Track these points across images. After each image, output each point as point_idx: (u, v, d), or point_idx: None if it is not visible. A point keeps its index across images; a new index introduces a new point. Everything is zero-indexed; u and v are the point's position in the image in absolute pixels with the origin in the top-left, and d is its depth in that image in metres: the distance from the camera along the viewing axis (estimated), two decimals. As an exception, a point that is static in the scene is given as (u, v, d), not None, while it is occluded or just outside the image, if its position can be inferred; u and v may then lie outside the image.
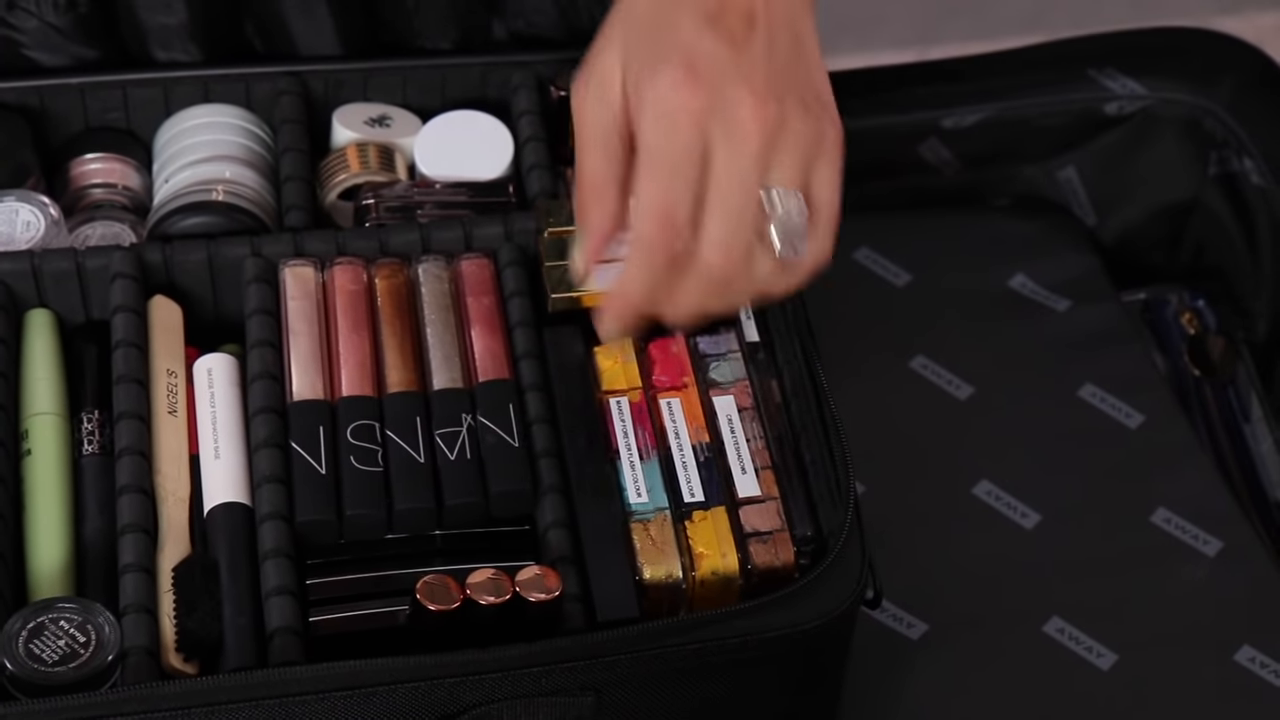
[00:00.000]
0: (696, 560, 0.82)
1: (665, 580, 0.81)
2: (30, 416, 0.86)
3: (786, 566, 0.82)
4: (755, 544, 0.82)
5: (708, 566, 0.82)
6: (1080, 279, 1.06)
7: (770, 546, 0.82)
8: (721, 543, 0.82)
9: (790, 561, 0.82)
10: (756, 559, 0.82)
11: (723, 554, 0.82)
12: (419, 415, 0.86)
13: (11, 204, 0.92)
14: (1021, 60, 1.10)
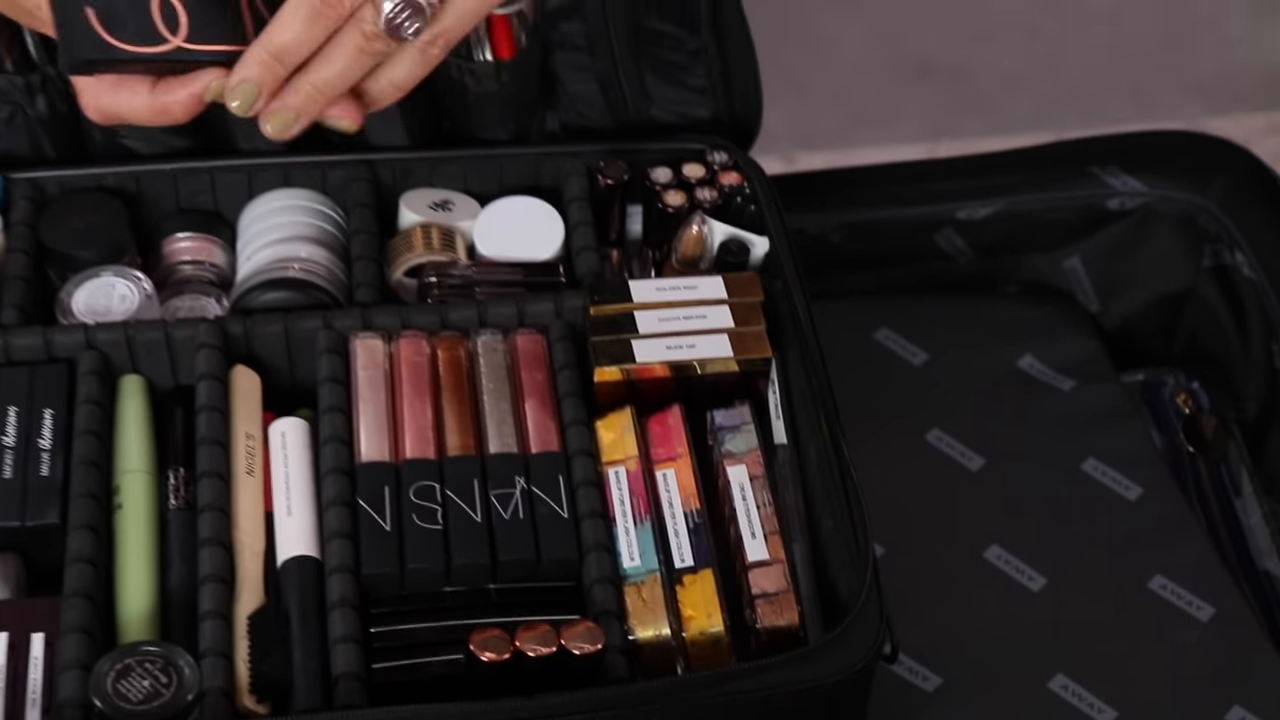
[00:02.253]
0: (685, 622, 0.82)
1: (655, 640, 0.81)
2: (122, 473, 0.86)
3: (791, 626, 0.82)
4: (763, 604, 0.82)
5: (696, 628, 0.82)
6: (1084, 361, 1.06)
7: (776, 606, 0.82)
8: (708, 605, 0.82)
9: (795, 622, 0.82)
10: (764, 619, 0.82)
11: (708, 615, 0.82)
12: (476, 477, 0.86)
13: (109, 278, 0.92)
14: (1031, 158, 1.10)
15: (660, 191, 0.97)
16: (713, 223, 0.94)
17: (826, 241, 1.08)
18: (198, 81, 0.75)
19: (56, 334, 0.89)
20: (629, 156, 0.98)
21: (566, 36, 0.98)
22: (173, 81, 0.74)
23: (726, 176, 0.97)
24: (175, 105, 0.75)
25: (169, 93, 0.74)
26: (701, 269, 0.95)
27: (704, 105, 1.01)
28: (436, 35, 0.75)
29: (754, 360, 0.89)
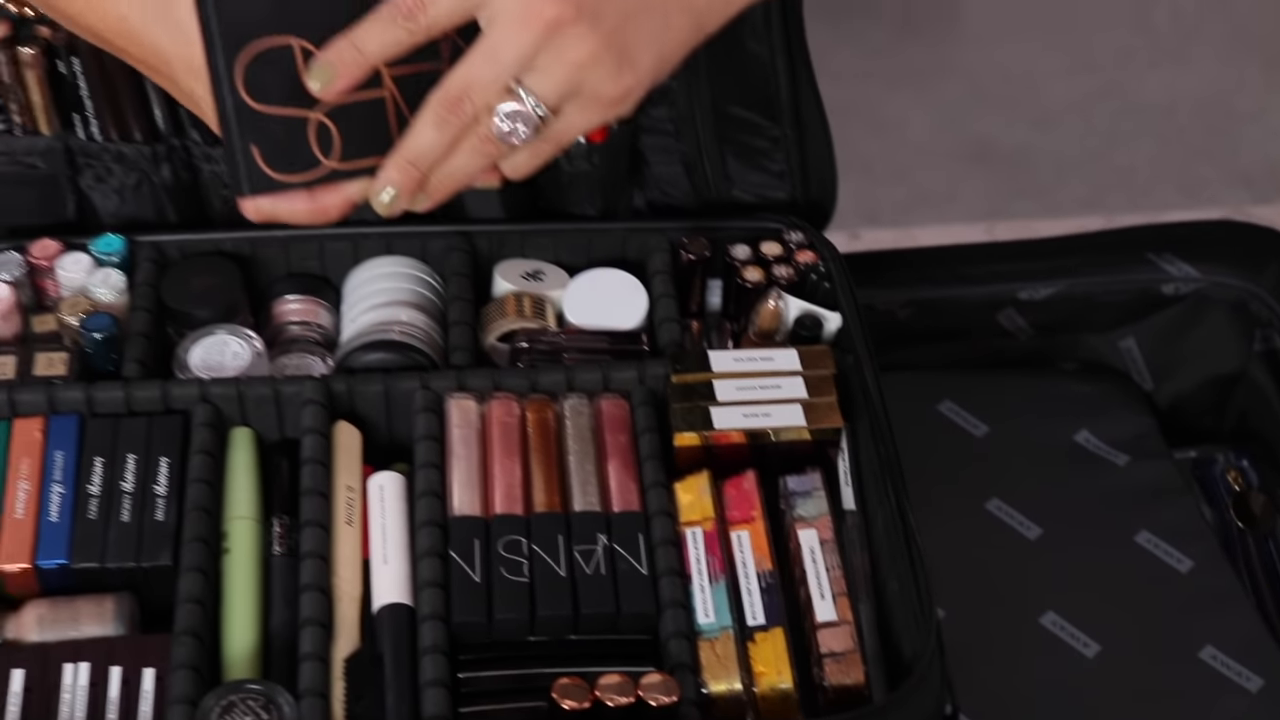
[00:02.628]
0: (756, 678, 0.81)
1: (727, 694, 0.80)
2: (231, 519, 0.86)
3: (857, 685, 0.81)
4: (830, 664, 0.81)
5: (767, 683, 0.81)
6: (1138, 437, 1.05)
7: (843, 666, 0.81)
8: (779, 662, 0.81)
9: (861, 680, 0.81)
10: (831, 677, 0.81)
11: (778, 671, 0.81)
12: (561, 533, 0.85)
13: (223, 336, 0.93)
14: (1090, 243, 1.09)
15: (739, 267, 0.96)
16: (788, 298, 0.94)
17: (894, 317, 1.07)
18: (349, 189, 0.77)
19: (174, 387, 0.90)
20: (710, 234, 0.98)
21: (655, 121, 0.98)
22: (327, 189, 0.77)
23: (802, 255, 0.97)
24: (330, 209, 0.77)
25: (324, 199, 0.77)
26: (777, 342, 0.94)
27: (782, 188, 1.01)
28: (547, 138, 0.76)
29: (825, 430, 0.88)
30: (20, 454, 0.87)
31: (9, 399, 0.89)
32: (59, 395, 0.89)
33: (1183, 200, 2.26)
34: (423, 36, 0.73)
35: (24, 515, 0.85)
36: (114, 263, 0.95)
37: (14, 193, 0.96)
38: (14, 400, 0.89)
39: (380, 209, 0.77)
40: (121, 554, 0.84)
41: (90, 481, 0.86)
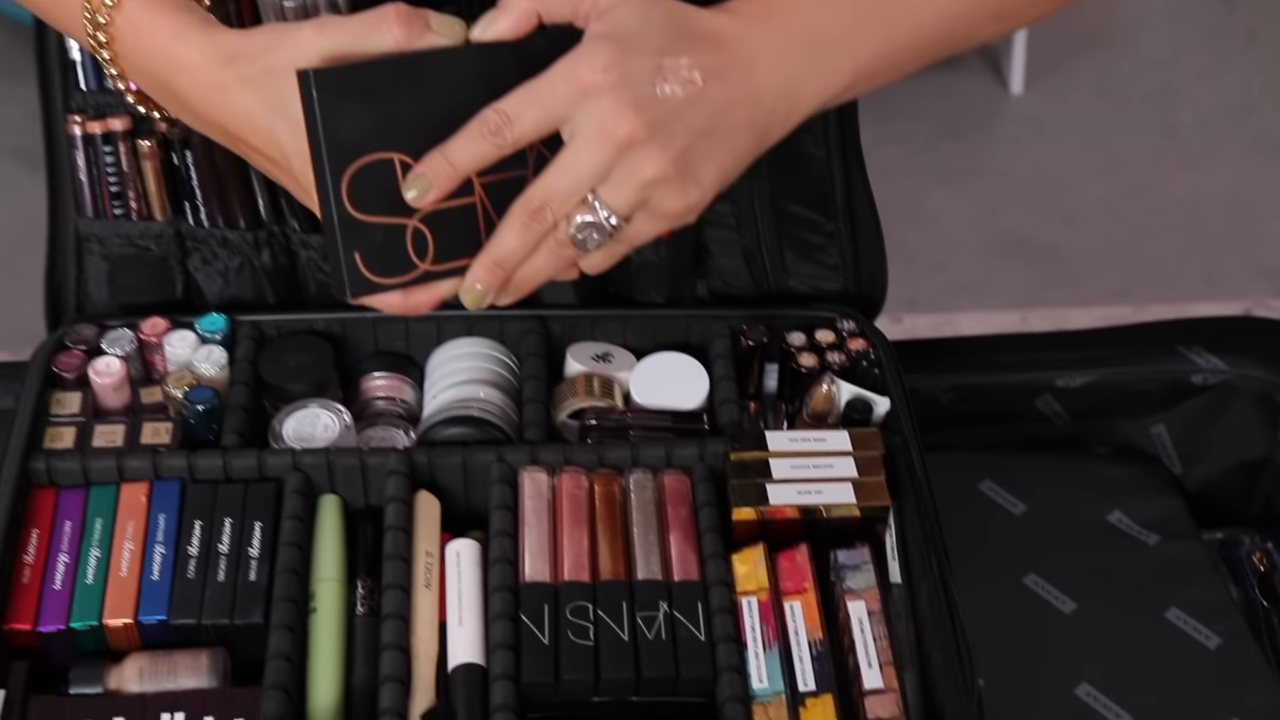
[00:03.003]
0: None
1: (779, 757, 0.80)
2: (318, 580, 0.87)
3: (903, 749, 0.80)
4: (876, 729, 0.80)
5: (817, 747, 0.80)
6: (1167, 518, 1.04)
7: (889, 732, 0.80)
8: None
9: (906, 744, 0.80)
10: (877, 742, 0.80)
11: None
12: (625, 600, 0.85)
13: (315, 409, 0.93)
14: (1123, 336, 1.08)
15: (795, 353, 0.96)
16: (841, 383, 0.94)
17: (938, 401, 1.07)
18: (441, 287, 0.78)
19: (268, 456, 0.90)
20: (768, 321, 0.98)
21: (717, 216, 0.98)
22: (420, 288, 0.77)
23: (854, 343, 0.97)
24: (422, 305, 0.78)
25: (416, 296, 0.78)
26: (829, 424, 0.94)
27: (836, 280, 1.01)
28: (619, 241, 0.77)
29: (874, 507, 0.88)
30: (127, 516, 0.88)
31: (118, 465, 0.89)
32: (163, 462, 0.89)
33: (1207, 291, 2.25)
34: (509, 149, 0.74)
35: (128, 574, 0.86)
36: (217, 340, 0.96)
37: (129, 273, 0.98)
38: (122, 466, 0.89)
39: (469, 304, 0.78)
40: (217, 611, 0.85)
41: (190, 543, 0.87)
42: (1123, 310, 2.19)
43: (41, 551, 0.87)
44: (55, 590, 0.85)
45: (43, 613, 0.84)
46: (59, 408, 0.92)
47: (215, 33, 0.78)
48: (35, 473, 0.89)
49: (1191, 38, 2.63)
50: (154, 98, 0.81)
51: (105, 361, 0.94)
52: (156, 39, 0.79)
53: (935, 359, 1.07)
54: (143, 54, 0.79)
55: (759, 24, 0.76)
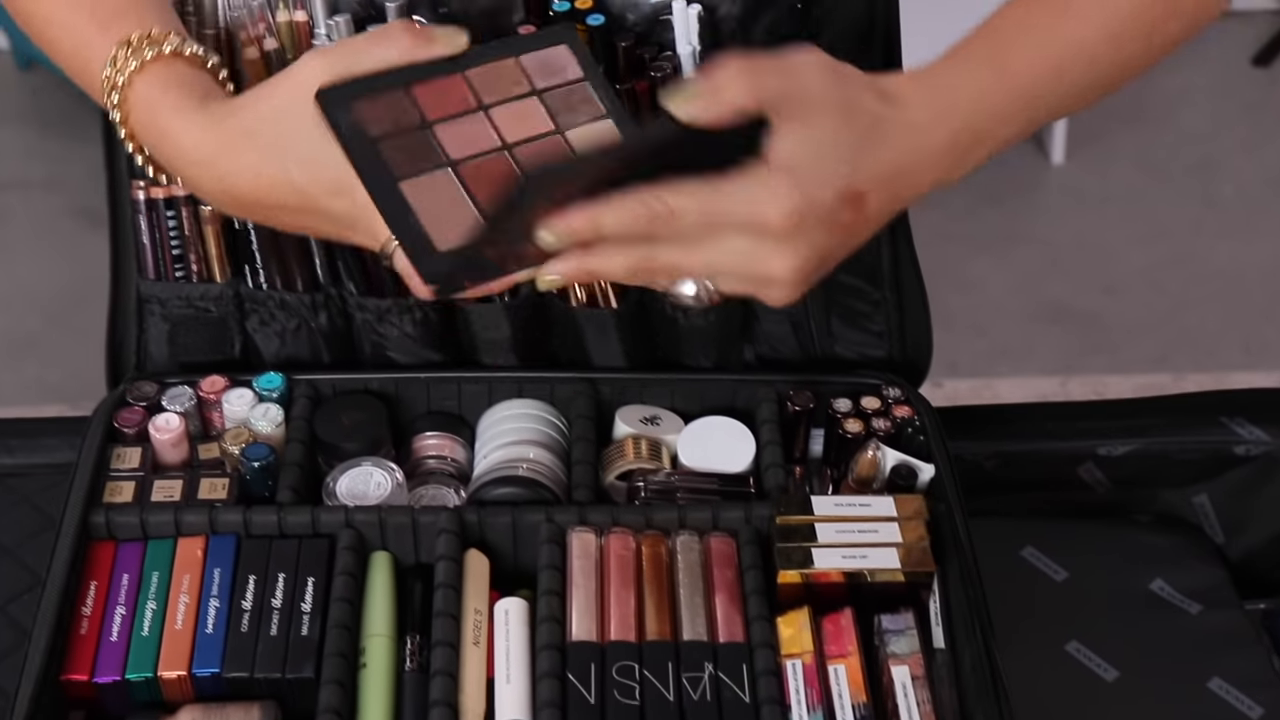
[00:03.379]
0: None
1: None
2: (368, 636, 0.87)
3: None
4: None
5: (861, 809, 0.80)
6: (1209, 588, 1.03)
7: (932, 794, 0.80)
8: None
9: (948, 806, 0.80)
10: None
11: None
12: (670, 661, 0.85)
13: (368, 467, 0.94)
14: (1167, 406, 1.08)
15: (841, 419, 0.96)
16: (886, 449, 0.94)
17: (981, 467, 1.07)
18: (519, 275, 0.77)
19: (322, 513, 0.91)
20: (814, 387, 0.98)
21: (766, 283, 0.99)
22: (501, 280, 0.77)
23: (899, 409, 0.97)
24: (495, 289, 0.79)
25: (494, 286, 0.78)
26: (874, 489, 0.94)
27: (881, 347, 1.01)
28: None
29: (918, 572, 0.88)
30: (183, 570, 0.89)
31: (175, 519, 0.90)
32: (219, 517, 0.90)
33: (1246, 361, 2.24)
34: (659, 236, 0.73)
35: (183, 627, 0.87)
36: (273, 398, 0.96)
37: (188, 333, 0.99)
38: (179, 521, 0.90)
39: (540, 285, 0.76)
40: (269, 665, 0.85)
41: (244, 597, 0.88)
42: (1162, 378, 2.18)
43: (99, 603, 0.87)
44: (112, 642, 0.86)
45: (99, 664, 0.85)
46: (119, 462, 0.93)
47: (210, 104, 0.79)
48: (95, 526, 0.90)
49: (1232, 111, 2.63)
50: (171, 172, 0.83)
51: (165, 418, 0.95)
52: (159, 119, 0.80)
53: (979, 426, 1.07)
54: (152, 135, 0.81)
55: (933, 128, 0.76)
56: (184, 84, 0.80)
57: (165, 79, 0.80)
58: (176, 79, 0.80)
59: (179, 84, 0.80)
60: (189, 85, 0.80)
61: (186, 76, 0.81)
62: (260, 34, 0.91)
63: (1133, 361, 2.24)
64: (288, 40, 0.92)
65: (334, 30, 0.90)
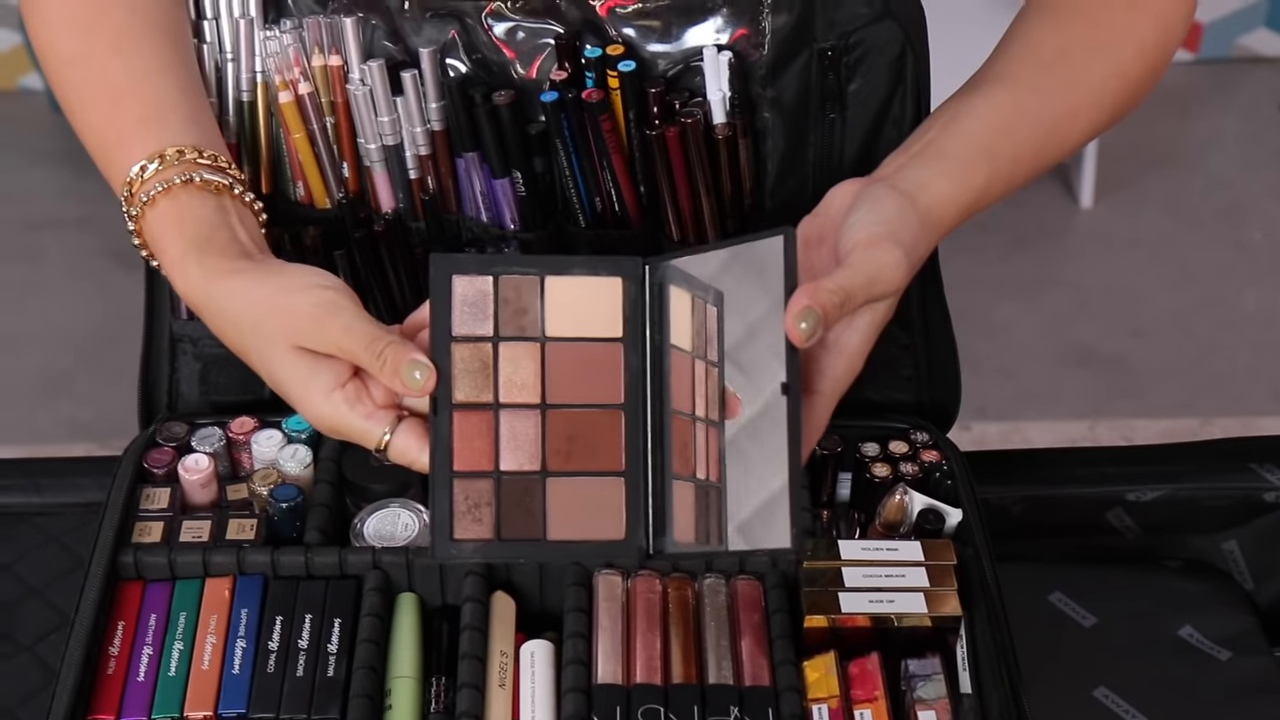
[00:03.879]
0: None
1: None
2: (394, 678, 0.87)
3: None
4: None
5: None
6: (1239, 635, 1.02)
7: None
8: None
9: None
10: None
11: None
12: (696, 704, 0.85)
13: (395, 509, 0.94)
14: (1196, 452, 1.07)
15: (868, 463, 0.96)
16: (913, 493, 0.93)
17: (1009, 512, 1.06)
18: None
19: (349, 554, 0.91)
20: (842, 431, 0.98)
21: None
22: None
23: (927, 454, 0.96)
24: None
25: None
26: (901, 533, 0.93)
27: (910, 391, 1.01)
28: None
29: (945, 617, 0.87)
30: (210, 610, 0.89)
31: (203, 560, 0.90)
32: (247, 558, 0.90)
33: (1275, 407, 2.22)
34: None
35: (210, 667, 0.87)
36: (302, 439, 0.97)
37: (219, 373, 0.99)
38: (208, 561, 0.90)
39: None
40: (295, 707, 0.85)
41: (270, 638, 0.88)
42: (1190, 423, 2.17)
43: (126, 643, 0.87)
44: (139, 682, 0.86)
45: (126, 704, 0.85)
46: (148, 503, 0.93)
47: (208, 265, 0.82)
48: (124, 566, 0.90)
49: (1261, 156, 2.62)
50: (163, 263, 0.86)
51: (194, 459, 0.95)
52: (168, 253, 0.84)
53: (1007, 471, 1.06)
54: (159, 257, 0.85)
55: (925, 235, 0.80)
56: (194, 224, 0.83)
57: (179, 213, 0.83)
58: (188, 216, 0.83)
59: (190, 221, 0.83)
60: (197, 226, 0.83)
61: (198, 213, 0.83)
62: (295, 78, 0.92)
63: (1161, 406, 2.23)
64: (322, 85, 0.92)
65: (367, 75, 0.91)
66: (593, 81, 0.90)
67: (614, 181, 0.92)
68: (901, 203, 0.79)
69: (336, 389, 0.78)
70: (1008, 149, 0.83)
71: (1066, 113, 0.85)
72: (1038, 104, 0.85)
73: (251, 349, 0.81)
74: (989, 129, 0.83)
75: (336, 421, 0.79)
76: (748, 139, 0.91)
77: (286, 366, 0.79)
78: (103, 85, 0.86)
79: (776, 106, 0.90)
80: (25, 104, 2.72)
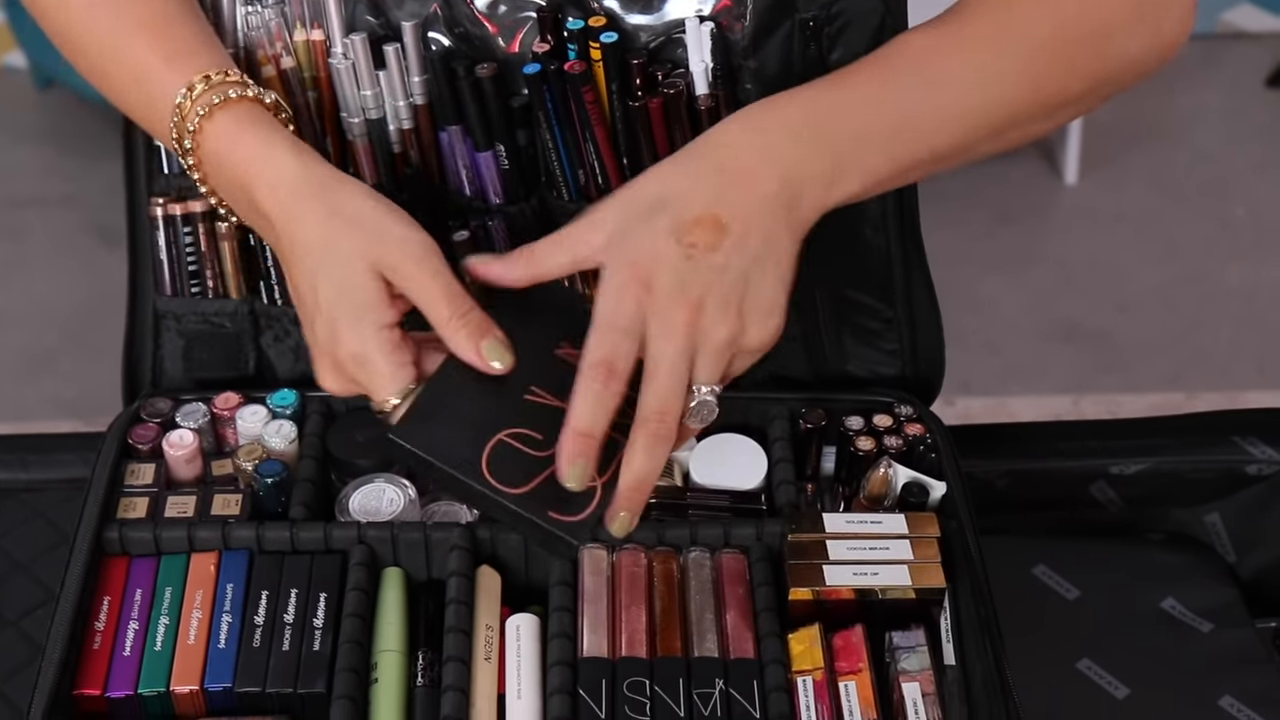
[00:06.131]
0: None
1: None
2: (379, 651, 0.87)
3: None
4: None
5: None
6: (1221, 606, 1.03)
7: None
8: None
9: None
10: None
11: None
12: (681, 676, 0.85)
13: (380, 484, 0.94)
14: (1180, 425, 1.08)
15: (853, 437, 0.96)
16: (898, 466, 0.94)
17: (993, 486, 1.07)
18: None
19: (334, 529, 0.91)
20: (826, 405, 0.98)
21: (778, 301, 0.99)
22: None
23: (911, 427, 0.97)
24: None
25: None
26: (885, 506, 0.94)
27: (893, 365, 1.01)
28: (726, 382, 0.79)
29: (929, 590, 0.88)
30: (196, 585, 0.89)
31: (188, 535, 0.90)
32: (232, 533, 0.90)
33: (1259, 381, 2.23)
34: (623, 388, 0.76)
35: (196, 642, 0.87)
36: (287, 415, 0.97)
37: (203, 349, 0.99)
38: (193, 536, 0.90)
39: (619, 533, 0.79)
40: (281, 680, 0.85)
41: (256, 613, 0.88)
42: (1175, 397, 2.17)
43: (112, 618, 0.88)
44: (125, 656, 0.86)
45: (112, 678, 0.85)
46: (133, 478, 0.93)
47: (308, 159, 0.80)
48: (109, 541, 0.90)
49: (1245, 132, 2.63)
50: (227, 198, 0.84)
51: (179, 434, 0.95)
52: (240, 147, 0.81)
53: (991, 444, 1.07)
54: (227, 163, 0.82)
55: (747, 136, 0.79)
56: (266, 122, 0.82)
57: (248, 115, 0.82)
58: (257, 117, 0.82)
59: (262, 121, 0.82)
60: (271, 124, 0.82)
61: (265, 118, 0.83)
62: (277, 53, 0.92)
63: (1145, 380, 2.23)
64: (304, 59, 0.92)
65: (349, 49, 0.91)
66: (575, 54, 0.90)
67: (597, 153, 0.92)
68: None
69: (385, 327, 0.78)
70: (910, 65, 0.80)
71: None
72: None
73: (313, 246, 0.79)
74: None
75: (368, 356, 0.78)
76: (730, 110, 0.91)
77: (355, 282, 0.78)
78: (129, 20, 0.85)
79: (758, 77, 0.90)
80: (9, 82, 2.71)
